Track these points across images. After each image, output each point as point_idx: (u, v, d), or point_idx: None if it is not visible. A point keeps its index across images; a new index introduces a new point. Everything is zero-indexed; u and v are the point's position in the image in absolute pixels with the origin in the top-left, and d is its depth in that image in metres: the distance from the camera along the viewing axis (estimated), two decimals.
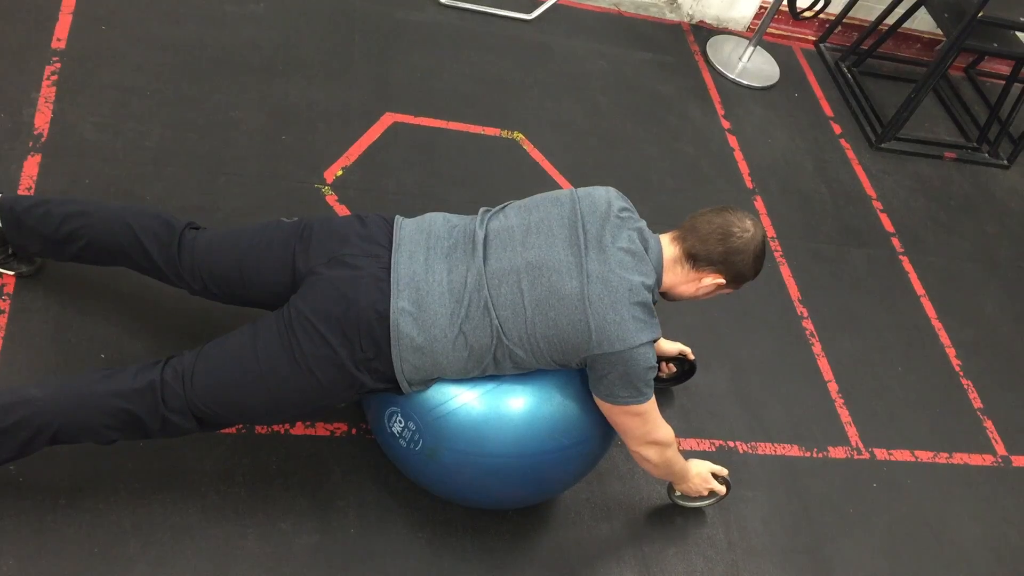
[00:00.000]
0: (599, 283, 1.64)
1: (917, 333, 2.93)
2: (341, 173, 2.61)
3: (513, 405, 1.74)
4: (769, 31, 3.91)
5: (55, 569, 1.69)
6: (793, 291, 2.87)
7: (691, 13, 3.82)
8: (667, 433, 1.82)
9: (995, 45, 3.50)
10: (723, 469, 2.09)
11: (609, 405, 1.72)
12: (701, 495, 2.09)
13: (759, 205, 3.12)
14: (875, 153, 3.58)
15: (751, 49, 3.69)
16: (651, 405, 1.73)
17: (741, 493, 2.27)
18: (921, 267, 3.16)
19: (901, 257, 3.18)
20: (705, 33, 3.80)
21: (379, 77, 2.95)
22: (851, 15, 3.95)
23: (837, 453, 2.48)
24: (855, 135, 3.63)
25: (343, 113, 2.78)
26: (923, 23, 4.05)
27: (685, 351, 2.32)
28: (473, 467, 1.77)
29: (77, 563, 1.71)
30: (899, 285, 3.07)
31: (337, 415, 2.08)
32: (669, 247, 1.78)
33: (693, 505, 2.17)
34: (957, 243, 3.34)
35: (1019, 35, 3.63)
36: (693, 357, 2.33)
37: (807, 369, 2.66)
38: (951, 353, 2.91)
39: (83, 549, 1.73)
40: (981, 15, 3.24)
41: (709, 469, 2.06)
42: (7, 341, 1.96)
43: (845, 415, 2.58)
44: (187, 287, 1.84)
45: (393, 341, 1.65)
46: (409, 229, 1.77)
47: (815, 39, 4.04)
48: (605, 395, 1.71)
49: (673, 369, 2.37)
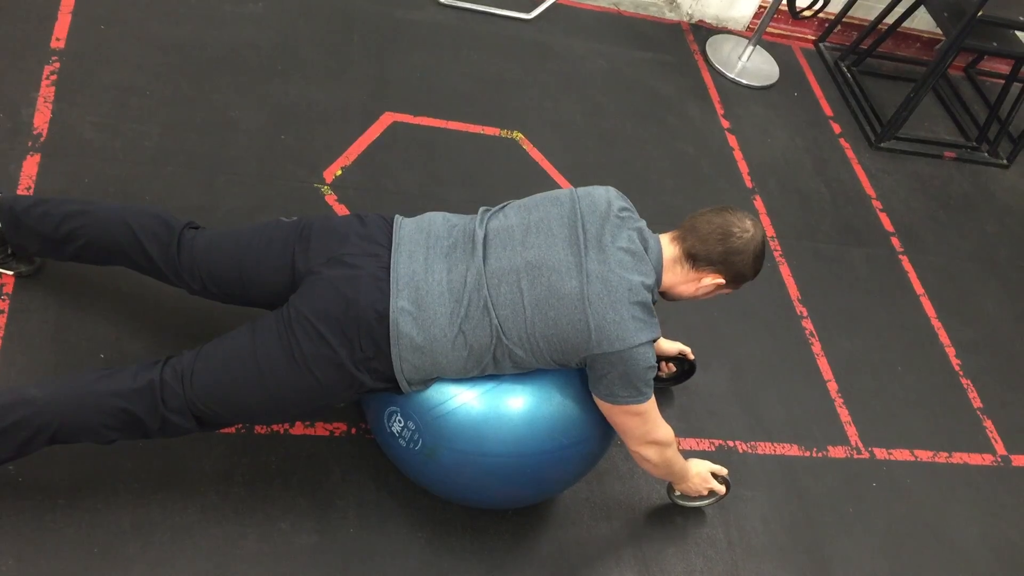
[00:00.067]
0: (599, 283, 1.64)
1: (917, 333, 2.93)
2: (340, 173, 2.61)
3: (512, 405, 1.74)
4: (768, 30, 3.91)
5: (54, 569, 1.69)
6: (793, 291, 2.87)
7: (690, 12, 3.82)
8: (667, 433, 1.82)
9: (994, 44, 3.50)
10: (723, 469, 2.09)
11: (609, 405, 1.72)
12: (701, 495, 2.09)
13: (758, 204, 3.12)
14: (875, 152, 3.58)
15: (750, 48, 3.69)
16: (651, 405, 1.73)
17: (741, 493, 2.27)
18: (921, 266, 3.16)
19: (901, 256, 3.17)
20: (704, 32, 3.80)
21: (378, 76, 2.95)
22: (850, 14, 3.95)
23: (837, 453, 2.48)
24: (855, 134, 3.62)
25: (342, 113, 2.78)
26: (923, 22, 4.05)
27: (685, 351, 2.32)
28: (472, 467, 1.77)
29: (76, 563, 1.71)
30: (899, 284, 3.07)
31: (336, 415, 2.08)
32: (669, 247, 1.78)
33: (693, 505, 2.17)
34: (957, 242, 3.33)
35: (1019, 34, 3.63)
36: (693, 357, 2.33)
37: (807, 369, 2.66)
38: (951, 352, 2.91)
39: (82, 549, 1.73)
40: (980, 14, 3.24)
41: (709, 469, 2.06)
42: (6, 341, 1.95)
43: (845, 415, 2.58)
44: (186, 287, 1.84)
45: (393, 341, 1.65)
46: (409, 229, 1.77)
47: (814, 38, 4.04)
48: (605, 395, 1.71)
49: (673, 369, 2.37)
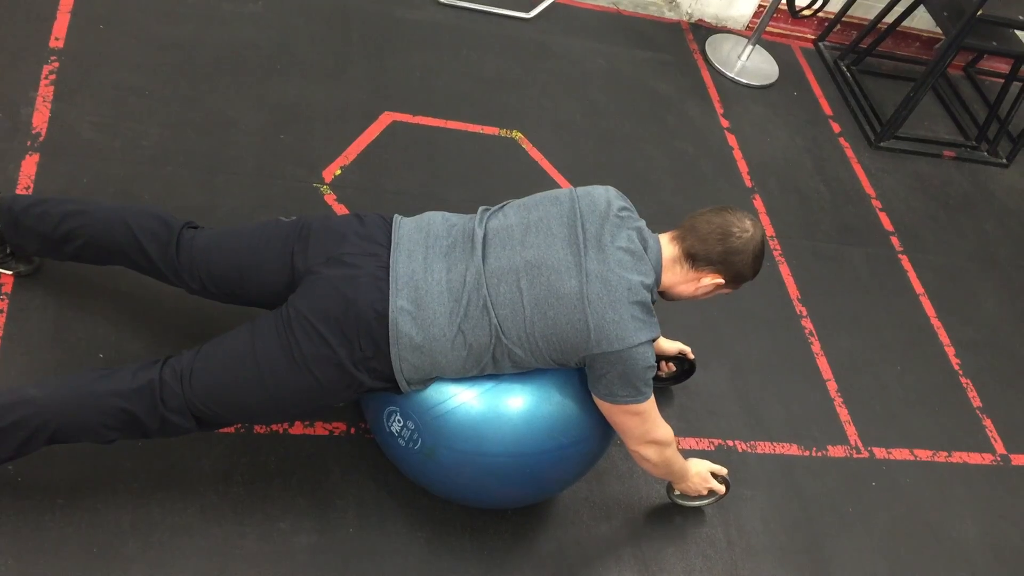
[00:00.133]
0: (598, 282, 1.64)
1: (916, 332, 2.93)
2: (340, 172, 2.60)
3: (512, 404, 1.74)
4: (768, 30, 3.91)
5: (54, 569, 1.69)
6: (792, 290, 2.87)
7: (690, 12, 3.82)
8: (666, 432, 1.82)
9: (994, 43, 3.50)
10: (722, 468, 2.09)
11: (608, 404, 1.72)
12: (700, 494, 2.09)
13: (758, 204, 3.12)
14: (874, 152, 3.58)
15: (750, 48, 3.69)
16: (650, 404, 1.73)
17: (740, 492, 2.27)
18: (920, 266, 3.16)
19: (900, 256, 3.17)
20: (704, 32, 3.80)
21: (377, 76, 2.94)
22: (850, 13, 3.95)
23: (836, 452, 2.48)
24: (854, 134, 3.62)
25: (342, 112, 2.78)
26: (922, 21, 4.05)
27: (684, 350, 2.32)
28: (472, 466, 1.77)
29: (76, 563, 1.71)
30: (898, 284, 3.07)
31: (336, 414, 2.07)
32: (668, 247, 1.78)
33: (692, 504, 2.17)
34: (956, 242, 3.33)
35: (1018, 33, 3.63)
36: (692, 356, 2.33)
37: (806, 368, 2.66)
38: (950, 352, 2.91)
39: (82, 549, 1.72)
40: (980, 13, 3.25)
41: (708, 468, 2.06)
42: (5, 341, 1.95)
43: (844, 414, 2.58)
44: (185, 286, 1.84)
45: (392, 340, 1.65)
46: (408, 228, 1.77)
47: (814, 38, 4.04)
48: (604, 394, 1.71)
49: (672, 368, 2.37)
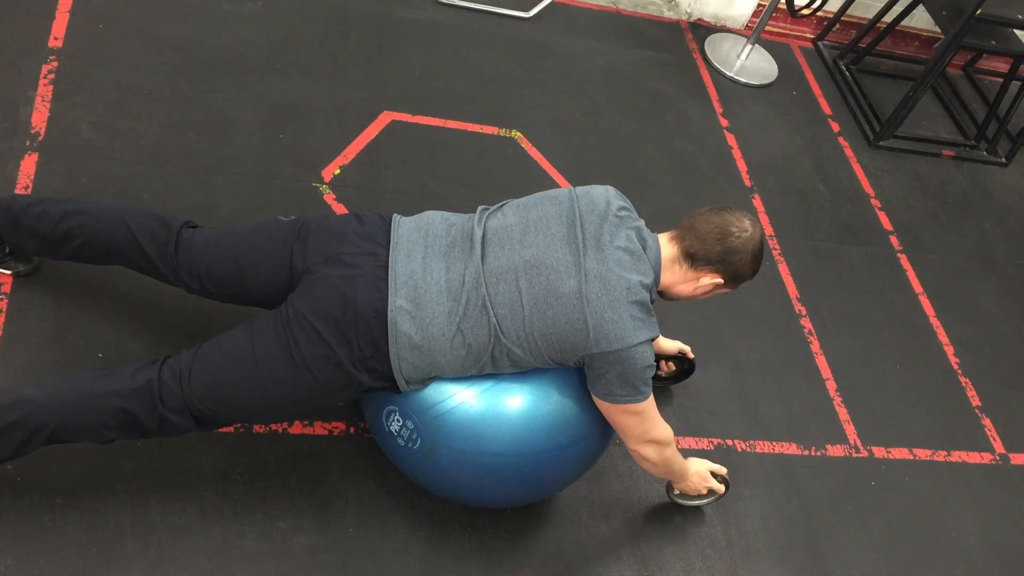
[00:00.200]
0: (597, 282, 1.64)
1: (915, 331, 2.93)
2: (339, 172, 2.60)
3: (511, 404, 1.74)
4: (767, 29, 3.91)
5: (53, 568, 1.69)
6: (792, 289, 2.87)
7: (689, 11, 3.82)
8: (666, 432, 1.82)
9: (993, 43, 3.50)
10: (722, 468, 2.09)
11: (607, 404, 1.72)
12: (700, 494, 2.09)
13: (757, 203, 3.12)
14: (873, 151, 3.58)
15: (749, 47, 3.69)
16: (649, 404, 1.73)
17: (740, 491, 2.27)
18: (919, 265, 3.16)
19: (900, 255, 3.18)
20: (703, 31, 3.80)
21: (377, 75, 2.94)
22: (849, 13, 3.95)
23: (836, 451, 2.48)
24: (853, 133, 3.62)
25: (341, 111, 2.77)
26: (921, 21, 4.05)
27: (684, 350, 2.32)
28: (471, 466, 1.77)
29: (75, 562, 1.71)
30: (897, 283, 3.07)
31: (335, 414, 2.07)
32: (667, 246, 1.78)
33: (692, 504, 2.17)
34: (955, 241, 3.34)
35: (1017, 33, 3.63)
36: (692, 355, 2.33)
37: (806, 367, 2.66)
38: (949, 351, 2.91)
39: (81, 548, 1.72)
40: (979, 13, 3.24)
41: (708, 468, 2.06)
42: (4, 340, 1.95)
43: (844, 413, 2.58)
44: (184, 286, 1.84)
45: (391, 340, 1.65)
46: (407, 227, 1.77)
47: (813, 37, 4.04)
48: (603, 394, 1.71)
49: (672, 368, 2.37)
